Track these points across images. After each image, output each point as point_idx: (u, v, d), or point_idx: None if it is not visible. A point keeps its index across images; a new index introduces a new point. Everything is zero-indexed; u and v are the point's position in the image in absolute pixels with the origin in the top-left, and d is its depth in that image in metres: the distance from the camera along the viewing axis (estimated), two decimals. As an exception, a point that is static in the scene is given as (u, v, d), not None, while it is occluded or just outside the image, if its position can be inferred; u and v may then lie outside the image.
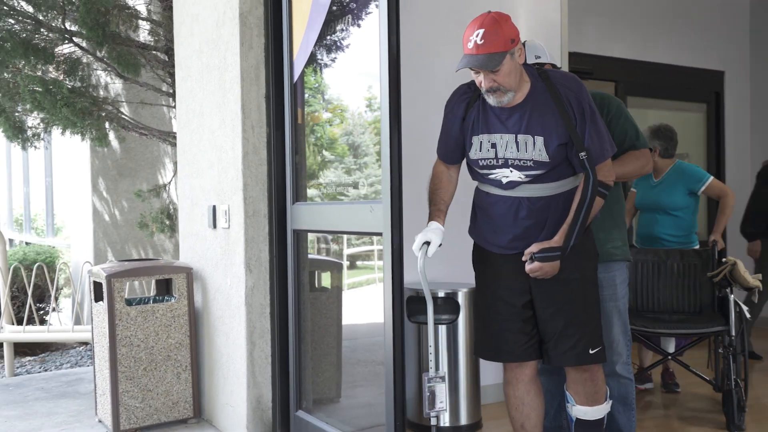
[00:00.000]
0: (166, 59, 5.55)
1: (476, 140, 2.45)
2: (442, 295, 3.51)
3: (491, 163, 2.44)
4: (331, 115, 3.81)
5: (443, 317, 3.51)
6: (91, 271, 3.81)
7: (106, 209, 7.19)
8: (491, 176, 2.46)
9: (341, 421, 3.37)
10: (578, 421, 2.61)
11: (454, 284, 3.61)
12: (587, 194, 2.36)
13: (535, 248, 2.40)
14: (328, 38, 3.43)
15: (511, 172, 2.41)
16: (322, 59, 3.53)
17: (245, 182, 3.33)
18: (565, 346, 2.47)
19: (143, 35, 5.92)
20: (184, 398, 3.67)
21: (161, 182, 7.08)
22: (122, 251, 7.20)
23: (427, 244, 2.44)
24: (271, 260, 3.36)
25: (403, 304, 2.64)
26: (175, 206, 5.96)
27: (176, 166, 4.31)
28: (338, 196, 3.71)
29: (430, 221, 2.50)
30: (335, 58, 3.63)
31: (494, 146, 2.42)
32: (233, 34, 3.36)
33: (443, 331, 3.50)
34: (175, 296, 3.68)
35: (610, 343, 2.82)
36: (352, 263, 4.12)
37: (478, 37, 2.26)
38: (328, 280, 3.94)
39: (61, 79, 5.36)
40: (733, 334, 3.54)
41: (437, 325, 3.49)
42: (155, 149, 7.25)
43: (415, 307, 3.52)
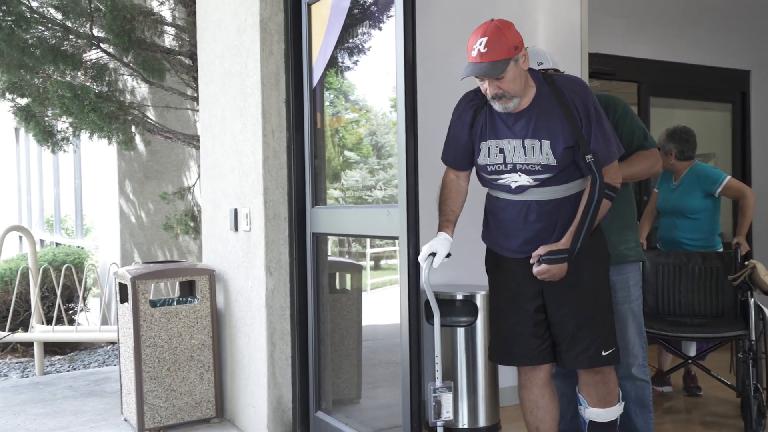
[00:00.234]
0: (190, 64, 5.65)
1: (484, 146, 2.47)
2: (460, 297, 3.53)
3: (500, 168, 2.46)
4: (356, 115, 3.86)
5: (461, 319, 3.54)
6: (116, 272, 3.90)
7: (132, 211, 7.33)
8: (500, 181, 2.49)
9: (360, 422, 3.41)
10: (591, 423, 2.62)
11: (472, 287, 3.63)
12: (594, 196, 2.37)
13: (542, 251, 2.42)
14: (349, 41, 3.48)
15: (519, 176, 2.43)
16: (343, 62, 3.57)
17: (266, 186, 3.39)
18: (577, 348, 2.49)
19: (168, 40, 6.03)
20: (206, 398, 3.74)
21: (186, 184, 7.19)
22: (148, 252, 7.33)
23: (433, 255, 2.46)
24: (291, 263, 3.42)
25: (419, 307, 2.67)
26: (199, 208, 6.05)
27: (200, 168, 4.39)
28: (363, 196, 3.75)
29: (438, 231, 2.52)
30: (357, 60, 3.67)
31: (502, 152, 2.44)
32: (254, 40, 3.42)
33: (461, 333, 3.52)
34: (198, 298, 3.75)
35: (625, 345, 2.82)
36: (375, 263, 4.16)
37: (481, 45, 2.29)
38: (348, 281, 3.98)
39: (88, 84, 5.48)
40: (753, 338, 3.50)
41: (456, 327, 3.51)
42: (180, 152, 7.37)
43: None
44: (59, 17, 5.33)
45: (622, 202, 2.86)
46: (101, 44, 5.42)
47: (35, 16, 5.18)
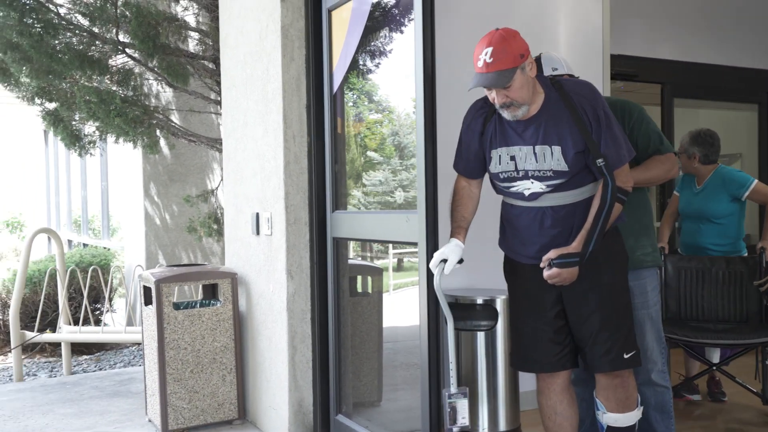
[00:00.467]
0: (213, 68, 5.71)
1: (495, 154, 2.48)
2: (480, 302, 3.54)
3: (512, 175, 2.46)
4: (379, 115, 3.89)
5: (481, 324, 3.54)
6: (141, 275, 3.97)
7: (157, 213, 7.43)
8: (513, 189, 2.49)
9: (380, 425, 3.43)
10: (609, 429, 2.60)
11: (492, 291, 3.63)
12: (606, 200, 2.37)
13: (553, 254, 2.41)
14: (370, 44, 3.50)
15: (532, 183, 2.43)
16: (364, 64, 3.60)
17: (287, 191, 3.42)
18: (598, 351, 2.48)
19: (192, 45, 6.10)
20: (229, 400, 3.79)
21: (209, 187, 7.28)
22: (172, 254, 7.42)
23: (444, 261, 2.47)
24: (311, 267, 3.45)
25: (438, 312, 2.68)
26: (222, 211, 6.12)
27: (223, 172, 4.44)
28: (385, 198, 3.78)
29: (450, 238, 2.52)
30: (378, 63, 3.70)
31: (513, 159, 2.44)
32: (275, 46, 3.46)
33: (481, 337, 3.52)
34: (220, 300, 3.80)
35: (644, 351, 2.81)
36: (398, 263, 4.17)
37: (486, 55, 2.29)
38: (369, 284, 4.00)
39: (114, 89, 5.57)
40: (778, 344, 3.46)
41: (475, 331, 3.51)
42: (204, 155, 7.46)
43: (454, 313, 3.55)
44: (86, 23, 5.42)
45: (638, 207, 2.85)
46: (127, 49, 5.50)
47: (63, 22, 5.28)
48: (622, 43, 4.94)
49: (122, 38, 5.42)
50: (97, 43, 5.46)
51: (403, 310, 4.06)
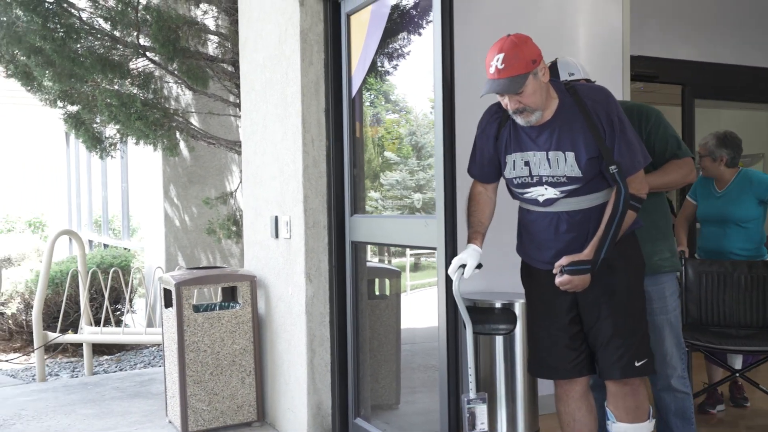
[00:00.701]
0: (232, 71, 5.75)
1: (510, 159, 2.48)
2: (498, 305, 3.53)
3: (526, 181, 2.46)
4: (397, 116, 3.90)
5: (500, 327, 3.53)
6: (161, 278, 4.01)
7: (176, 215, 7.49)
8: (527, 195, 2.49)
9: (398, 428, 3.43)
10: None
11: (511, 294, 3.62)
12: (619, 207, 2.34)
13: (564, 261, 2.40)
14: (389, 46, 3.51)
15: (546, 189, 2.42)
16: (383, 65, 3.61)
17: (305, 194, 3.44)
18: (609, 358, 2.45)
19: (211, 48, 6.14)
20: (248, 402, 3.81)
21: (228, 189, 7.32)
22: (192, 255, 7.48)
23: (463, 267, 2.46)
24: (330, 270, 3.46)
25: (457, 317, 2.68)
26: (241, 213, 6.16)
27: (242, 175, 4.47)
28: (403, 199, 3.79)
29: (467, 243, 2.52)
30: (396, 65, 3.71)
31: (527, 164, 2.44)
32: (294, 50, 3.47)
33: (500, 341, 3.51)
34: (239, 303, 3.82)
35: (663, 356, 2.78)
36: (416, 263, 4.17)
37: (498, 61, 2.29)
38: (387, 287, 4.01)
39: (135, 92, 5.63)
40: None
41: (494, 335, 3.50)
42: (223, 157, 7.51)
43: (472, 317, 3.54)
44: (107, 28, 5.48)
45: (655, 211, 2.82)
46: (147, 53, 5.56)
47: (85, 27, 5.34)
48: (641, 44, 4.91)
49: (143, 42, 5.47)
50: (118, 46, 5.52)
51: (420, 311, 4.06)
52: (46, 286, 5.77)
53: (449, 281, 2.61)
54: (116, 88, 5.72)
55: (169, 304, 3.84)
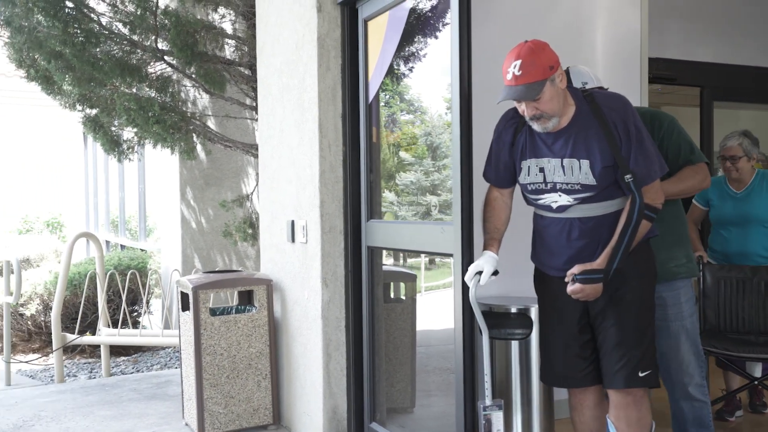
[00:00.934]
0: (249, 74, 5.78)
1: (525, 165, 2.47)
2: (514, 310, 3.52)
3: (540, 187, 2.45)
4: (411, 116, 3.91)
5: (516, 332, 3.52)
6: (179, 281, 4.04)
7: (193, 217, 7.54)
8: (540, 201, 2.48)
9: (414, 433, 3.44)
10: None
11: (527, 299, 3.61)
12: (633, 217, 2.32)
13: (577, 270, 2.38)
14: (405, 49, 3.51)
15: (560, 196, 2.42)
16: (399, 68, 3.62)
17: (322, 199, 3.45)
18: (613, 367, 2.43)
19: (228, 51, 6.18)
20: (264, 405, 3.83)
21: (245, 191, 7.36)
22: (208, 257, 7.52)
23: (479, 273, 2.46)
24: (346, 275, 3.47)
25: (473, 324, 2.68)
26: (257, 215, 6.19)
27: (258, 179, 4.50)
28: (418, 200, 3.79)
29: (483, 250, 2.52)
30: (413, 67, 3.71)
31: (542, 171, 2.43)
32: (311, 56, 3.49)
33: (516, 346, 3.50)
34: (256, 306, 3.85)
35: (679, 364, 2.76)
36: (431, 260, 4.17)
37: (515, 68, 2.28)
38: (402, 290, 4.02)
39: (153, 96, 5.67)
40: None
41: (510, 339, 3.50)
42: (239, 159, 7.55)
43: (488, 321, 3.54)
44: (126, 32, 5.53)
45: (672, 218, 2.80)
46: (165, 57, 5.60)
47: (104, 31, 5.40)
48: (660, 46, 4.88)
49: (161, 46, 5.51)
50: (136, 51, 5.56)
51: (435, 312, 4.06)
52: (64, 288, 5.83)
53: (465, 288, 2.61)
54: (134, 91, 5.77)
55: (186, 307, 3.87)
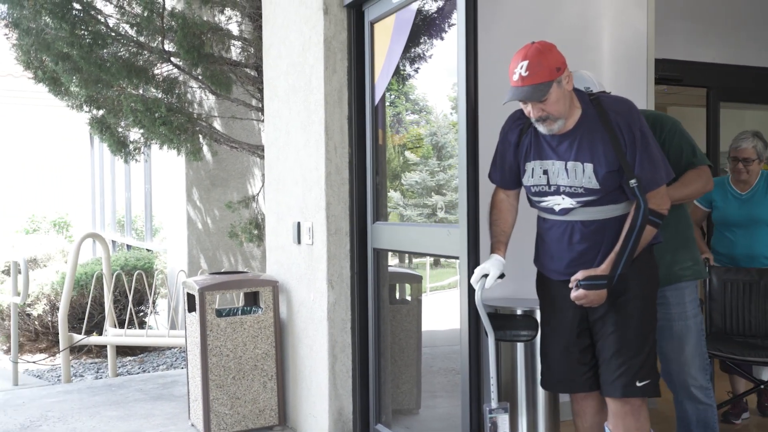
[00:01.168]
0: (255, 75, 5.79)
1: (529, 166, 2.47)
2: (519, 312, 3.52)
3: (543, 189, 2.45)
4: (416, 116, 3.91)
5: (522, 333, 3.52)
6: (185, 282, 4.05)
7: (199, 218, 7.56)
8: (543, 203, 2.48)
9: (419, 434, 3.44)
10: None
11: (533, 301, 3.60)
12: (637, 223, 2.31)
13: (581, 275, 2.37)
14: (412, 51, 3.52)
15: (563, 199, 2.41)
16: (405, 69, 3.62)
17: (328, 201, 3.46)
18: (611, 375, 2.41)
19: (234, 52, 6.19)
20: (269, 406, 3.84)
21: (250, 192, 7.38)
22: (214, 258, 7.54)
23: (485, 276, 2.46)
24: (352, 277, 3.48)
25: (479, 326, 2.69)
26: (263, 216, 6.20)
27: (264, 180, 4.51)
28: (424, 202, 3.79)
29: (490, 253, 2.52)
30: (418, 68, 3.72)
31: (546, 173, 2.43)
32: (318, 58, 3.50)
33: (521, 347, 3.50)
34: (261, 308, 3.86)
35: (681, 364, 2.75)
36: (435, 261, 4.17)
37: (522, 69, 2.28)
38: (407, 292, 4.02)
39: (159, 97, 5.69)
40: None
41: (516, 341, 3.50)
42: (245, 160, 7.57)
43: (494, 323, 3.54)
44: (133, 34, 5.56)
45: (678, 220, 2.80)
46: (172, 59, 5.62)
47: (112, 33, 5.42)
48: (666, 47, 4.87)
49: (168, 48, 5.53)
50: (143, 52, 5.58)
51: (440, 313, 4.06)
52: (71, 289, 5.86)
53: (471, 290, 2.62)
54: (141, 93, 5.79)
55: (192, 308, 3.89)
